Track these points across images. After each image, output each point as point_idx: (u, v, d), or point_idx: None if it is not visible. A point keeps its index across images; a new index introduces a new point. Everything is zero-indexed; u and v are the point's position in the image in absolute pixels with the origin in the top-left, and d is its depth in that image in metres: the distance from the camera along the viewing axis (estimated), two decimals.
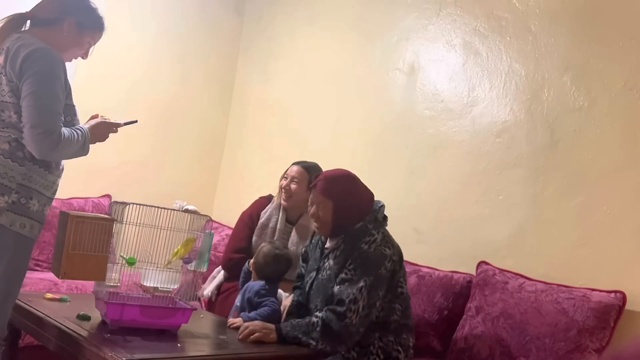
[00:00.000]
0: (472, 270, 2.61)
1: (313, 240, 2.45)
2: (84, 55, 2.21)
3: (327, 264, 2.26)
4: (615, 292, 2.19)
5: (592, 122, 2.47)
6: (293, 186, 2.84)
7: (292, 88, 3.84)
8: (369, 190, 2.31)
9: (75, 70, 3.55)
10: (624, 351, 0.82)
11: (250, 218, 2.94)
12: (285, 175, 2.89)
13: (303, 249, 2.54)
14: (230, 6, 4.25)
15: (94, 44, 2.24)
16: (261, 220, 2.89)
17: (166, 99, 3.95)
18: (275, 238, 2.82)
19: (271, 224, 2.88)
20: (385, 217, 2.30)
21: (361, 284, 2.08)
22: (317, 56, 3.71)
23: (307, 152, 3.50)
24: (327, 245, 2.32)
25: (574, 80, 2.54)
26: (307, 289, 2.32)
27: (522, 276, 2.44)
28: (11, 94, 1.83)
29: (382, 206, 2.30)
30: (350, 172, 2.33)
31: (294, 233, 2.86)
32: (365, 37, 3.45)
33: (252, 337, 2.07)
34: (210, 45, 4.16)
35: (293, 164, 2.92)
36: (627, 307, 2.18)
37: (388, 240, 2.20)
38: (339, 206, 2.23)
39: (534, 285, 2.36)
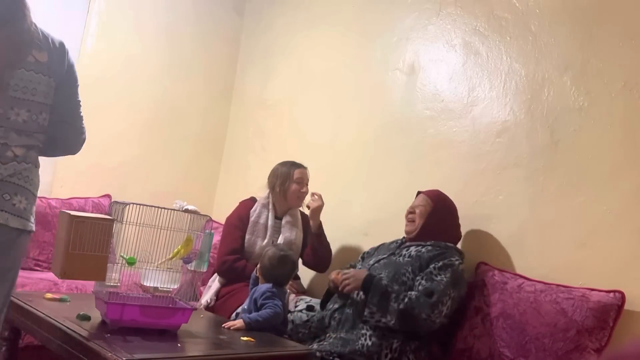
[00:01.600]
0: (472, 271, 2.61)
1: (383, 244, 2.66)
2: None
3: (406, 252, 2.45)
4: (615, 292, 2.19)
5: (592, 122, 2.47)
6: (306, 189, 3.06)
7: (292, 88, 3.84)
8: (461, 231, 2.61)
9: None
10: (623, 351, 0.82)
11: (239, 220, 3.02)
12: (298, 180, 3.04)
13: (365, 252, 2.74)
14: (230, 6, 4.26)
15: None
16: (252, 219, 3.00)
17: (166, 98, 3.96)
18: (267, 234, 2.95)
19: (261, 221, 3.00)
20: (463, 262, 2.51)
21: (449, 292, 2.27)
22: (317, 56, 3.71)
23: (307, 152, 3.50)
24: (409, 243, 2.54)
25: (574, 80, 2.54)
26: (372, 265, 2.48)
27: (521, 276, 2.44)
28: (48, 96, 1.77)
29: (464, 254, 2.53)
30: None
31: (283, 225, 3.00)
32: (365, 37, 3.45)
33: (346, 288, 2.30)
34: (210, 45, 4.16)
35: (296, 167, 3.07)
36: (627, 307, 2.18)
37: (463, 271, 2.43)
38: (435, 212, 2.52)
39: (533, 285, 2.36)
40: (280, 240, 2.97)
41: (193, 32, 4.07)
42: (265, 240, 2.93)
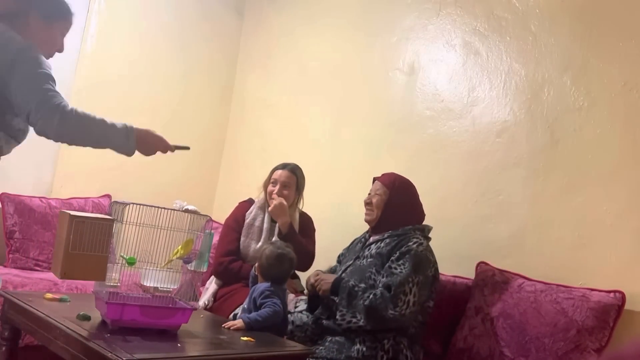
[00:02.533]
0: (472, 271, 2.61)
1: (353, 242, 2.60)
2: (60, 49, 2.03)
3: (368, 252, 2.40)
4: (615, 292, 2.19)
5: (592, 122, 2.47)
6: (285, 192, 2.92)
7: (292, 88, 3.84)
8: (423, 210, 2.50)
9: (76, 70, 3.55)
10: (623, 351, 0.82)
11: (235, 221, 2.98)
12: (273, 180, 2.95)
13: (340, 253, 2.68)
14: (230, 6, 4.26)
15: (66, 34, 2.03)
16: (247, 221, 2.95)
17: (166, 98, 3.95)
18: (262, 237, 2.90)
19: (257, 223, 2.94)
20: (430, 238, 2.45)
21: (410, 280, 2.21)
22: (317, 56, 3.71)
23: (307, 152, 3.51)
24: (371, 239, 2.47)
25: (574, 80, 2.54)
26: (340, 274, 2.43)
27: (521, 276, 2.44)
28: None
29: (431, 228, 2.46)
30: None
31: (277, 229, 2.91)
32: (365, 37, 3.45)
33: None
34: (210, 45, 4.16)
35: (277, 168, 2.98)
36: (627, 307, 2.18)
37: (431, 251, 2.36)
38: (392, 199, 2.43)
39: (533, 285, 2.36)
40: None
41: (193, 32, 4.07)
42: (259, 244, 2.89)
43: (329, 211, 3.13)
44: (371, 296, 2.21)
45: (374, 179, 2.56)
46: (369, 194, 2.52)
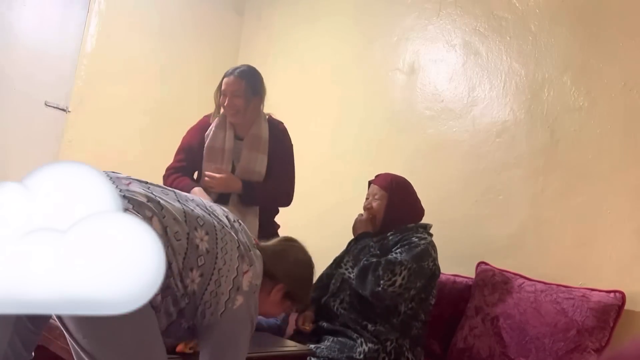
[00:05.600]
0: (472, 271, 2.61)
1: (350, 243, 2.51)
2: None
3: (373, 251, 2.36)
4: (615, 292, 2.19)
5: (592, 122, 2.47)
6: (237, 101, 2.50)
7: (291, 88, 3.84)
8: (422, 206, 2.49)
9: (75, 71, 3.55)
10: (623, 351, 0.81)
11: (188, 143, 2.62)
12: (222, 91, 2.53)
13: (337, 256, 2.58)
14: (230, 6, 4.25)
15: None
16: (207, 144, 2.56)
17: (166, 98, 3.95)
18: (225, 159, 2.52)
19: (217, 145, 2.54)
20: (432, 234, 2.43)
21: (407, 263, 2.20)
22: (317, 56, 3.71)
23: (307, 152, 3.50)
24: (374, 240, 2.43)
25: (574, 80, 2.54)
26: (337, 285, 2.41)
27: (521, 276, 2.44)
28: None
29: (431, 226, 2.46)
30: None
31: (244, 148, 2.54)
32: (365, 37, 3.45)
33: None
34: (210, 45, 4.16)
35: (228, 75, 2.55)
36: (627, 307, 2.18)
37: (434, 247, 2.35)
38: (393, 200, 2.40)
39: (533, 285, 2.36)
40: (237, 168, 2.51)
41: (193, 32, 4.07)
42: (214, 164, 2.51)
43: (329, 211, 3.13)
44: (370, 260, 2.25)
45: (370, 183, 2.54)
46: (367, 198, 2.49)
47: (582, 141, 2.48)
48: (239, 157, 2.54)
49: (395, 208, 2.41)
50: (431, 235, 2.43)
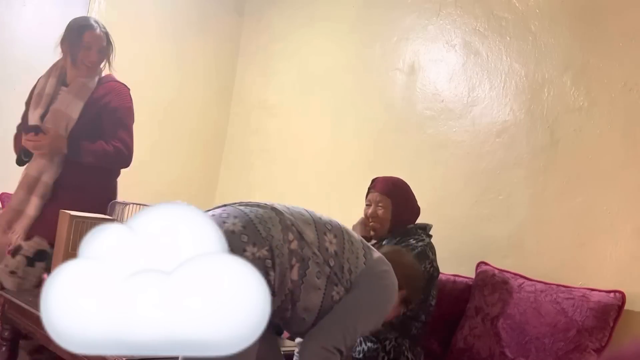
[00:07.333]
0: (472, 271, 2.61)
1: None
2: None
3: None
4: (615, 292, 2.19)
5: (592, 122, 2.47)
6: (99, 56, 2.48)
7: (292, 88, 3.84)
8: (418, 204, 2.49)
9: None
10: (623, 351, 0.82)
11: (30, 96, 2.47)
12: (86, 45, 2.45)
13: None
14: (230, 6, 4.26)
15: None
16: (36, 90, 2.45)
17: (166, 99, 3.96)
18: (41, 102, 2.41)
19: (47, 90, 2.44)
20: (431, 235, 2.43)
21: None
22: (317, 56, 3.71)
23: (306, 152, 3.51)
24: (372, 242, 2.41)
25: (574, 80, 2.54)
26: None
27: (521, 276, 2.44)
28: None
29: (431, 226, 2.47)
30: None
31: (64, 92, 2.44)
32: (365, 37, 3.45)
33: None
34: (210, 45, 4.16)
35: (85, 28, 2.47)
36: (627, 307, 2.18)
37: (432, 248, 2.34)
38: (397, 205, 2.40)
39: (533, 285, 2.36)
40: (50, 111, 2.38)
41: (193, 32, 4.07)
42: (36, 110, 2.37)
43: (329, 211, 3.12)
44: None
45: (369, 190, 2.51)
46: (368, 204, 2.47)
47: (582, 141, 2.48)
48: (56, 100, 2.43)
49: (400, 212, 2.42)
50: (430, 236, 2.43)
